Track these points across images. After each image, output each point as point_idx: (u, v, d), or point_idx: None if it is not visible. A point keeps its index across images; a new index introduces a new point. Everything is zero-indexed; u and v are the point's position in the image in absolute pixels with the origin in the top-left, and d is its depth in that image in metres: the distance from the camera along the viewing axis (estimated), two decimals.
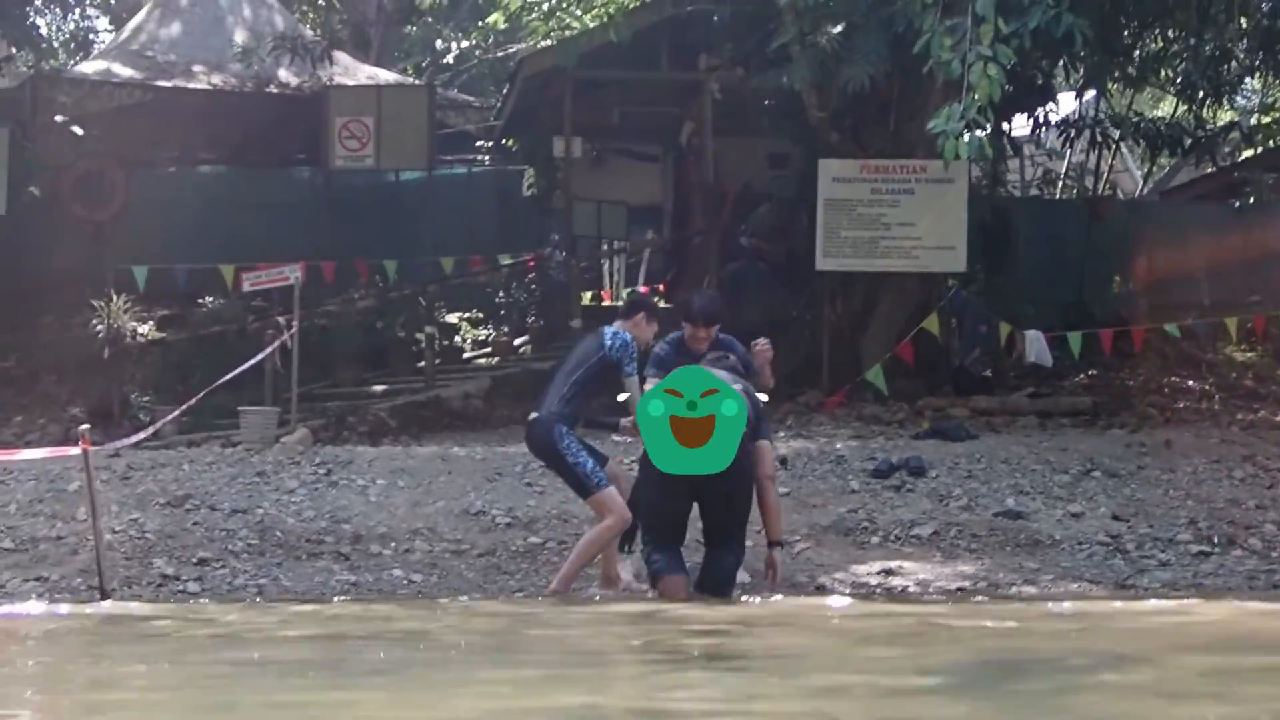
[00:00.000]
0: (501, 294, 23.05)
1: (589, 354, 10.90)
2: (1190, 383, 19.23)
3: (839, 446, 15.05)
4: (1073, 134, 21.76)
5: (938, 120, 13.99)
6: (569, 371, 10.88)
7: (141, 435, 13.56)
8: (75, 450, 10.62)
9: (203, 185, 22.86)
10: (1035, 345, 17.86)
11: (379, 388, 19.49)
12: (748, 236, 21.00)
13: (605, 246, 25.53)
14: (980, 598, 10.95)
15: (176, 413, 13.75)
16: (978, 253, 18.94)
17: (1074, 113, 22.17)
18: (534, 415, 10.87)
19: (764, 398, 10.84)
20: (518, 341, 22.01)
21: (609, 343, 10.86)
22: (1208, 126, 22.23)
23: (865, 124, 18.96)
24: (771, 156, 22.30)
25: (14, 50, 26.50)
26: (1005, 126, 20.16)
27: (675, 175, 24.66)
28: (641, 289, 24.95)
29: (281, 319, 18.45)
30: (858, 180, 18.38)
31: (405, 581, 11.46)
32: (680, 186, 24.19)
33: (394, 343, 20.85)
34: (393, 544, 12.16)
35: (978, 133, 13.94)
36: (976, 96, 13.60)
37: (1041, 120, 21.41)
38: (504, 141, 24.74)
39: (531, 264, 22.33)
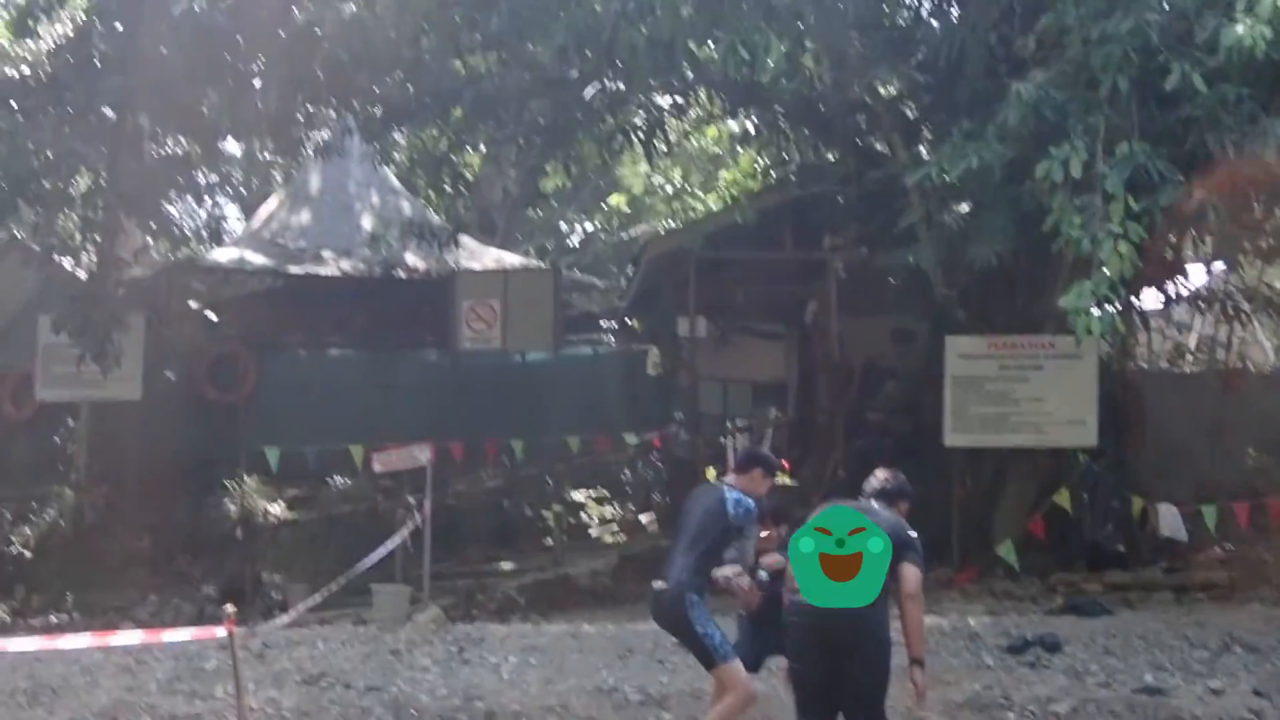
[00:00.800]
0: (627, 472, 23.18)
1: (712, 522, 10.60)
2: None
3: (971, 622, 14.96)
4: (1203, 307, 21.67)
5: (1069, 298, 13.95)
6: (693, 539, 10.63)
7: (286, 618, 13.67)
8: (220, 631, 10.72)
9: (332, 368, 23.18)
10: (1169, 519, 17.71)
11: (507, 565, 19.65)
12: (874, 413, 21.03)
13: (729, 424, 25.64)
14: None
15: (317, 596, 13.87)
16: (1108, 427, 18.86)
17: (1204, 285, 22.12)
18: (661, 585, 10.68)
19: None
20: (644, 518, 22.12)
21: (733, 511, 10.57)
22: None
23: (992, 300, 19.02)
24: (895, 333, 22.42)
25: (150, 240, 27.18)
26: (1135, 301, 20.14)
27: (800, 353, 24.79)
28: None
29: (411, 498, 18.66)
30: (986, 357, 18.44)
31: None
32: (805, 364, 24.30)
33: (521, 521, 21.05)
34: None
35: (1109, 309, 13.93)
36: (1108, 272, 13.59)
37: (1172, 294, 21.37)
38: (629, 321, 25.01)
39: (657, 443, 22.46)
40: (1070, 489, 18.08)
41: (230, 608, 10.76)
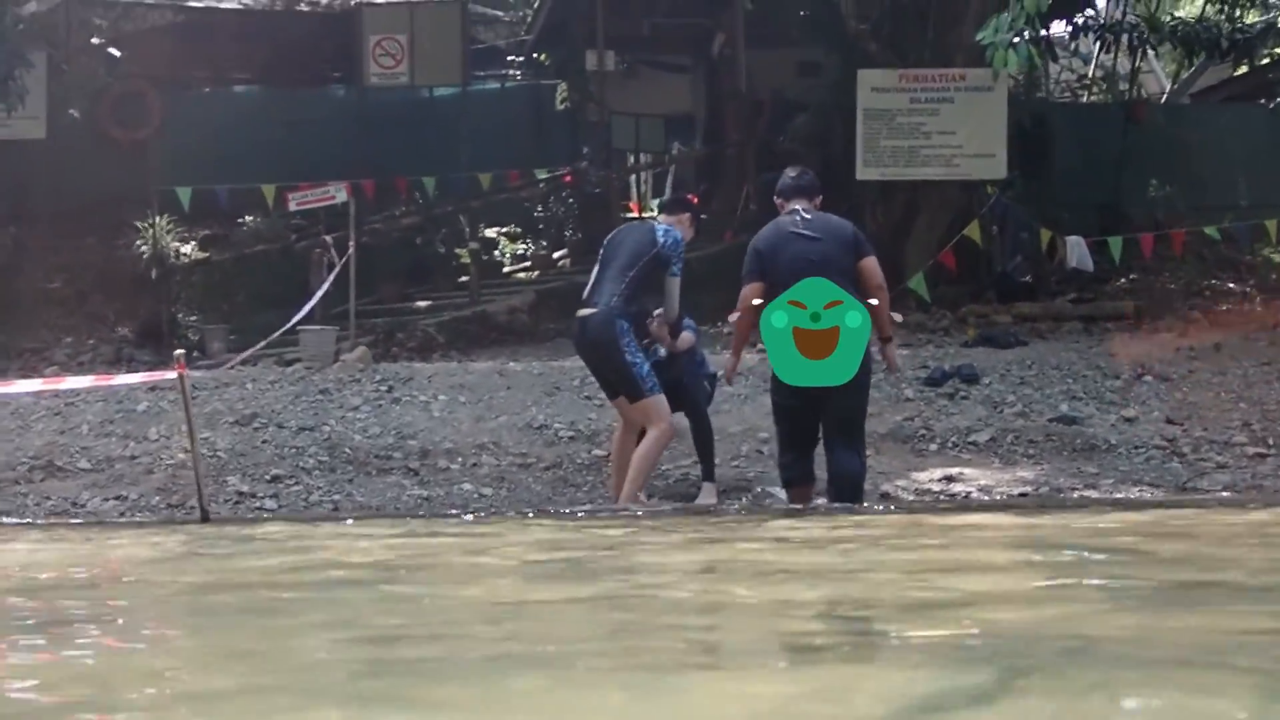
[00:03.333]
0: (539, 209, 23.17)
1: (641, 249, 10.67)
2: (1231, 285, 19.38)
3: None
4: (1110, 39, 21.75)
5: (986, 31, 14.08)
6: (623, 268, 10.63)
7: (241, 356, 13.69)
8: (171, 374, 10.76)
9: (239, 105, 22.92)
10: (1077, 250, 17.95)
11: (423, 304, 19.67)
12: (783, 145, 21.07)
13: (636, 159, 25.62)
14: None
15: (261, 343, 13.86)
16: (1015, 158, 19.02)
17: (1108, 16, 22.18)
18: (588, 311, 10.64)
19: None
20: (556, 255, 22.16)
21: (662, 239, 10.66)
22: (1240, 27, 22.21)
23: (904, 33, 19.03)
24: (802, 65, 22.39)
25: None
26: (1045, 33, 20.19)
27: (708, 86, 24.75)
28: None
29: (328, 237, 18.64)
30: (897, 90, 18.49)
31: (476, 495, 11.67)
32: (713, 97, 24.28)
33: (436, 259, 21.03)
34: (459, 459, 12.37)
35: (1024, 40, 14.03)
36: (1025, 6, 13.67)
37: (1081, 25, 21.44)
38: (536, 56, 24.81)
39: (568, 179, 22.44)
40: (980, 221, 18.27)
41: (180, 351, 10.76)
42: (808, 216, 10.06)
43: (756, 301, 9.94)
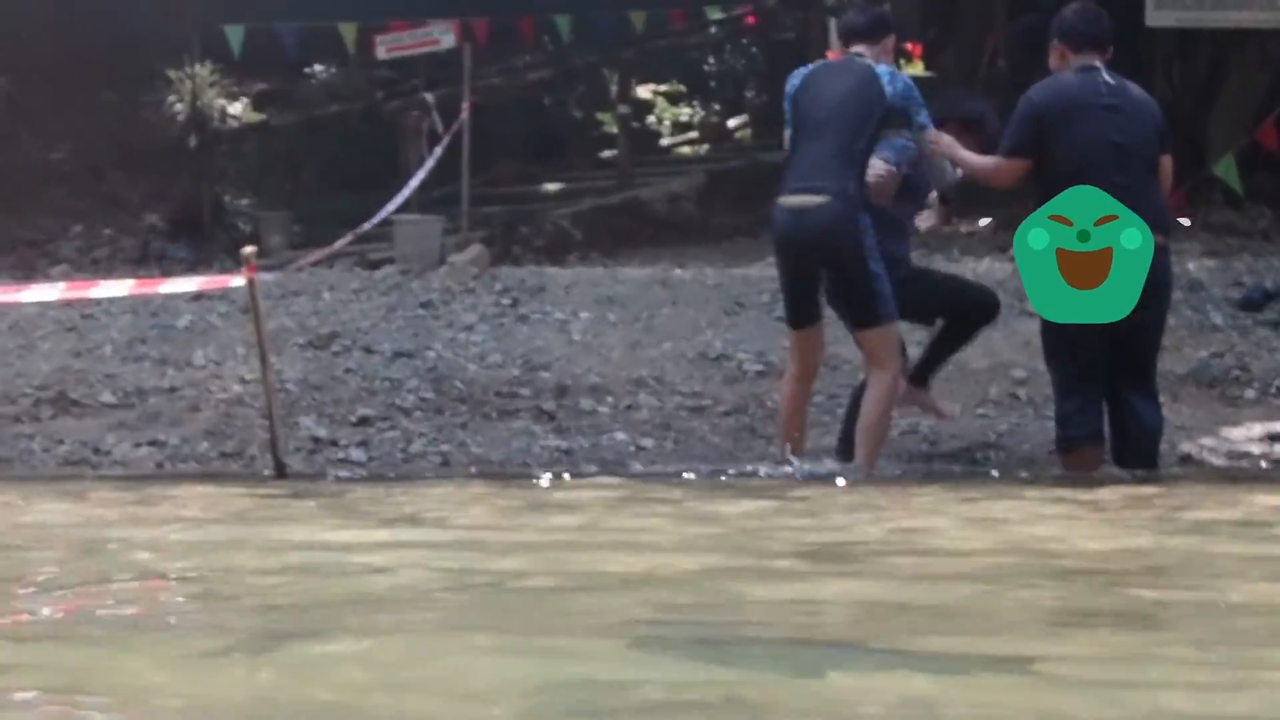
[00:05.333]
0: (711, 60, 23.13)
1: (869, 105, 10.35)
2: None
3: (1190, 266, 15.08)
4: None
5: None
6: (850, 133, 10.31)
7: (314, 256, 13.80)
8: (239, 280, 10.86)
9: None
10: None
11: (553, 187, 19.75)
12: None
13: None
14: None
15: (345, 238, 13.98)
16: None
17: None
18: (811, 200, 10.29)
19: None
20: (733, 123, 22.17)
21: (890, 88, 10.35)
22: None
23: None
24: None
25: None
26: None
27: None
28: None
29: (428, 95, 18.75)
30: None
31: (632, 448, 11.69)
32: None
33: (570, 127, 21.11)
34: (610, 399, 12.40)
35: None
36: None
37: None
38: None
39: (750, 19, 22.36)
40: None
41: (251, 249, 10.84)
42: (1111, 81, 10.04)
43: None
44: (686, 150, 21.61)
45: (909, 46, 23.72)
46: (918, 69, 21.12)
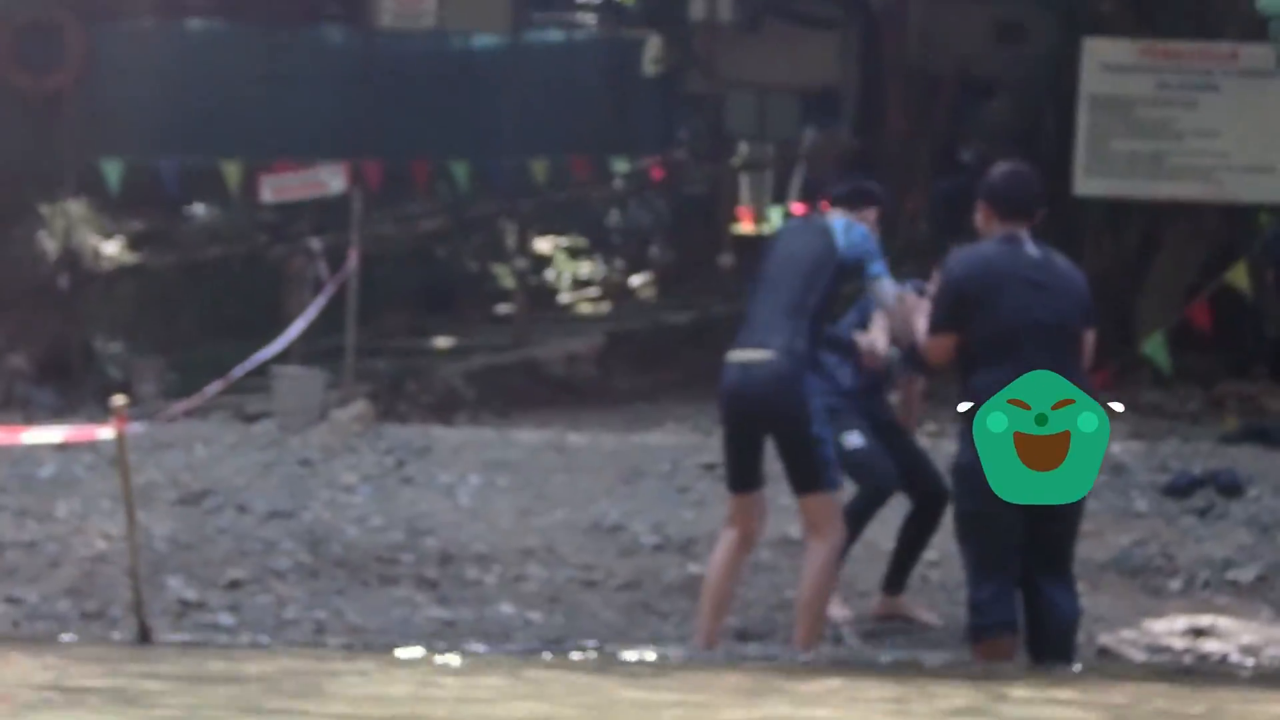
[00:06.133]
0: (614, 214, 23.22)
1: (821, 261, 10.54)
2: None
3: (1115, 448, 15.12)
4: None
5: None
6: (800, 292, 10.50)
7: (185, 404, 13.74)
8: (107, 432, 10.81)
9: (193, 47, 22.96)
10: None
11: (444, 342, 19.74)
12: (971, 145, 21.09)
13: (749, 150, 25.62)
14: None
15: (216, 384, 13.96)
16: None
17: None
18: (757, 356, 10.47)
19: None
20: (636, 281, 22.22)
21: (844, 241, 10.52)
22: None
23: None
24: (1001, 28, 22.38)
25: None
26: None
27: (862, 51, 24.74)
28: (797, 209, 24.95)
29: (315, 241, 18.72)
30: (1139, 70, 18.52)
31: (521, 621, 11.69)
32: (870, 66, 24.27)
33: (465, 279, 21.12)
34: (497, 568, 12.41)
35: None
36: None
37: None
38: None
39: (657, 174, 22.47)
40: (1249, 264, 18.21)
41: (121, 399, 10.81)
42: (1035, 253, 10.16)
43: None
44: (586, 308, 21.65)
45: (823, 206, 23.76)
46: None
